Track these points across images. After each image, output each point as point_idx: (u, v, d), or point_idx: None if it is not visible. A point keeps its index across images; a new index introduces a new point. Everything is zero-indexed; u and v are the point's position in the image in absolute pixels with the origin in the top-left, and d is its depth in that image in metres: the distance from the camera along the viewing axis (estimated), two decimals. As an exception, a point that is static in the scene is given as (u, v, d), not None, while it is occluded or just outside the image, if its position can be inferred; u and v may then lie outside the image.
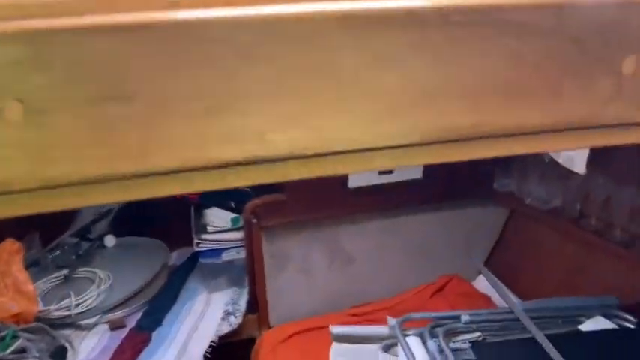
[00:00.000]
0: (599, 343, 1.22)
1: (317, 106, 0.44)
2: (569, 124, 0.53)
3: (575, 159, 1.30)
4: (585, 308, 1.32)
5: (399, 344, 1.21)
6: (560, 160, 1.36)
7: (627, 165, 1.39)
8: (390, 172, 1.59)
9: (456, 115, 0.49)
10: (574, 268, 1.70)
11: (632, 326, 1.27)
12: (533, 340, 1.19)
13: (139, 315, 1.54)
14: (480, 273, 1.96)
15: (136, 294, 1.57)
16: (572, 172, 1.67)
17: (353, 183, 1.57)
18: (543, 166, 1.76)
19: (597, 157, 1.32)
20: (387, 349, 1.25)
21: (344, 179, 1.55)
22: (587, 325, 1.28)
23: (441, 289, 1.84)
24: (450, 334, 1.23)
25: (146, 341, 1.42)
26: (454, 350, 1.17)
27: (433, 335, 1.21)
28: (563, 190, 1.72)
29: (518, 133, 0.52)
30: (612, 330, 1.25)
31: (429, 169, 1.63)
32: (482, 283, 1.94)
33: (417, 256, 1.81)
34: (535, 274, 1.78)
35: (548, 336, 1.18)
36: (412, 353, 1.15)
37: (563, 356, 1.10)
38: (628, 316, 1.30)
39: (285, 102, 0.43)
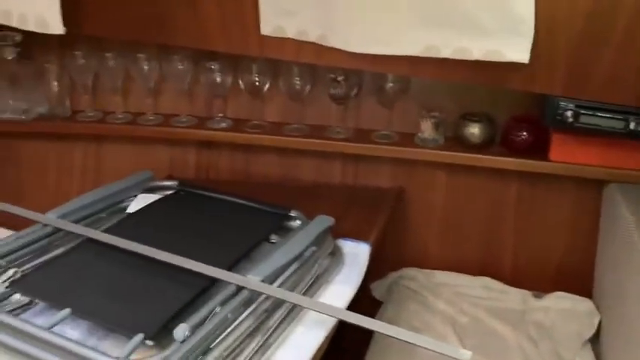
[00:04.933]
0: (152, 214, 1.07)
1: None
2: None
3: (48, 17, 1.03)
4: (123, 192, 1.14)
5: None
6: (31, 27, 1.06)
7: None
8: None
9: None
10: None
11: (172, 191, 1.19)
12: (87, 243, 0.94)
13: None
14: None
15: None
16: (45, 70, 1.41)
17: None
18: (10, 73, 1.41)
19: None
20: None
21: None
22: (134, 206, 1.11)
23: None
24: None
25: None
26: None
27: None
28: (45, 92, 1.44)
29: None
30: (158, 200, 1.13)
31: None
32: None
33: None
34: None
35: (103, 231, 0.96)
36: None
37: (128, 238, 0.91)
38: (166, 183, 1.20)
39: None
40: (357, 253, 1.06)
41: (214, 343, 0.74)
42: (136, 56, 1.35)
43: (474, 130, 1.24)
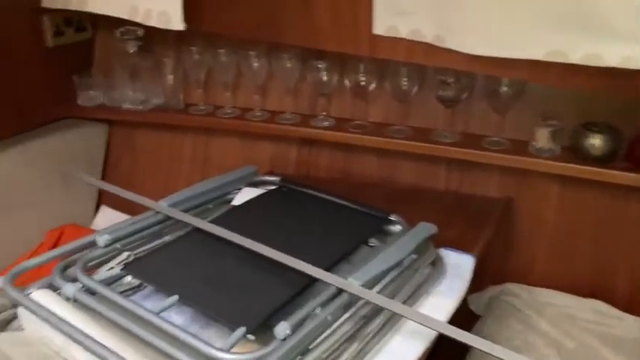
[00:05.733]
0: (256, 208, 1.09)
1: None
2: None
3: (171, 13, 1.08)
4: (229, 185, 1.17)
5: (19, 310, 0.81)
6: (153, 22, 1.11)
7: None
8: None
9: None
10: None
11: (275, 186, 1.20)
12: (195, 232, 0.97)
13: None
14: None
15: None
16: (163, 64, 1.48)
17: None
18: (131, 65, 1.50)
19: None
20: (2, 327, 0.82)
21: None
22: (238, 199, 1.14)
23: (55, 245, 1.44)
24: (92, 268, 0.90)
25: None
26: (106, 284, 0.85)
27: (68, 278, 0.85)
28: (162, 85, 1.51)
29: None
30: (262, 195, 1.15)
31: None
32: (102, 222, 1.63)
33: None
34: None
35: (208, 221, 0.99)
36: (47, 311, 0.77)
37: (233, 230, 0.92)
38: (269, 179, 1.22)
39: None
40: (459, 265, 1.01)
41: (313, 345, 0.73)
42: (247, 53, 1.38)
43: (595, 142, 1.15)
